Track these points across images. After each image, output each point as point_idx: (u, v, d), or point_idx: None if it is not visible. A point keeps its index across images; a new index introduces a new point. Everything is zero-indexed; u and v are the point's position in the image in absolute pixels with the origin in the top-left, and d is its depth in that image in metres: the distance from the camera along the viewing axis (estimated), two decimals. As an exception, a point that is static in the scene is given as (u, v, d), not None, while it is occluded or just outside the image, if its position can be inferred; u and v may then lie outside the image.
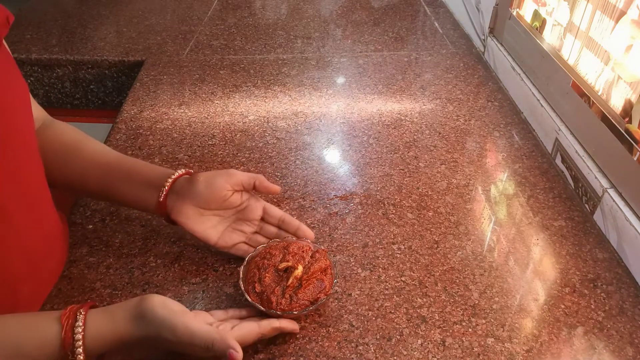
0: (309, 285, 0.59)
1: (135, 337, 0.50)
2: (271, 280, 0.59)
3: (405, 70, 1.19)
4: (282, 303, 0.57)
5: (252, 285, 0.59)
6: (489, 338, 0.60)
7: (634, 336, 0.60)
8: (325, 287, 0.60)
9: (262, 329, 0.54)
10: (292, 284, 0.59)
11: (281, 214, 0.67)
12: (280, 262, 0.61)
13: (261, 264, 0.61)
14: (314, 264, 0.61)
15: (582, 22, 0.82)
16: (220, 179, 0.63)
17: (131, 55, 1.24)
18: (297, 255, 0.62)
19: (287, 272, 0.60)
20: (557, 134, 0.88)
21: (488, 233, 0.75)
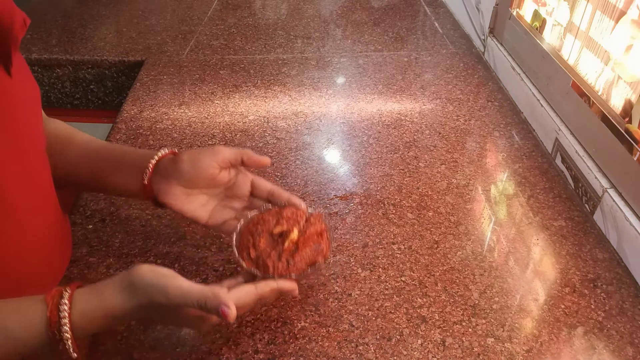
0: (306, 248, 0.57)
1: (126, 310, 0.48)
2: (266, 245, 0.56)
3: (405, 70, 1.19)
4: (279, 267, 0.55)
5: (247, 251, 0.56)
6: (489, 338, 0.60)
7: (634, 336, 0.60)
8: (323, 250, 0.58)
9: (259, 290, 0.52)
10: (288, 248, 0.56)
11: (270, 186, 0.64)
12: (274, 226, 0.58)
13: (255, 229, 0.58)
14: (310, 228, 0.58)
15: (582, 22, 0.82)
16: (206, 158, 0.60)
17: (131, 55, 1.24)
18: (291, 220, 0.59)
19: (282, 236, 0.57)
20: (557, 134, 0.88)
21: (488, 233, 0.75)
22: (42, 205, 0.59)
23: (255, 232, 0.58)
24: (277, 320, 0.61)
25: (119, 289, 0.48)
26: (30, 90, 0.56)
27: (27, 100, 0.55)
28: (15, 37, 0.50)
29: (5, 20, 0.48)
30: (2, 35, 0.48)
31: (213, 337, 0.60)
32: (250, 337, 0.59)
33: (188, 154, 0.61)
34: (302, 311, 0.62)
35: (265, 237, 0.57)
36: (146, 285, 0.48)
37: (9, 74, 0.50)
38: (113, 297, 0.48)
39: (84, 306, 0.47)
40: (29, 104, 0.56)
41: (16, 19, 0.49)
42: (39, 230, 0.58)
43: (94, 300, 0.48)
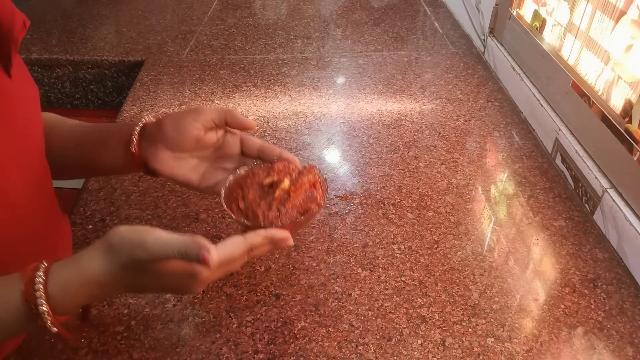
0: (298, 197, 0.53)
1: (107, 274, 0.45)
2: (255, 196, 0.54)
3: (405, 70, 1.19)
4: (270, 216, 0.51)
5: (236, 203, 0.53)
6: (489, 338, 0.60)
7: (634, 336, 0.60)
8: (317, 198, 0.54)
9: (249, 240, 0.48)
10: (279, 196, 0.53)
11: (260, 142, 0.61)
12: (264, 178, 0.55)
13: (244, 182, 0.56)
14: (302, 178, 0.55)
15: (582, 22, 0.82)
16: (188, 119, 0.58)
17: (131, 55, 1.24)
18: (282, 172, 0.56)
19: (273, 186, 0.54)
20: (557, 134, 0.88)
21: (488, 233, 0.75)
22: (42, 205, 0.59)
23: (244, 185, 0.55)
24: (277, 320, 0.61)
25: (98, 253, 0.45)
26: (29, 91, 0.56)
27: (27, 101, 0.55)
28: (15, 38, 0.50)
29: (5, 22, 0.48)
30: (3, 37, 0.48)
31: (213, 337, 0.60)
32: (250, 337, 0.59)
33: (170, 117, 0.59)
34: (302, 311, 0.62)
35: (254, 189, 0.54)
36: (124, 243, 0.45)
37: (8, 75, 0.50)
38: (91, 262, 0.45)
39: (61, 277, 0.44)
40: (29, 104, 0.56)
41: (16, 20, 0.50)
42: (39, 229, 0.58)
43: (72, 269, 0.45)
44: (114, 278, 0.45)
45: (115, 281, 0.45)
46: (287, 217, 0.52)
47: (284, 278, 0.67)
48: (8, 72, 0.50)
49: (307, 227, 0.74)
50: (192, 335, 0.60)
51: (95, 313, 0.62)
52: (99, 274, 0.44)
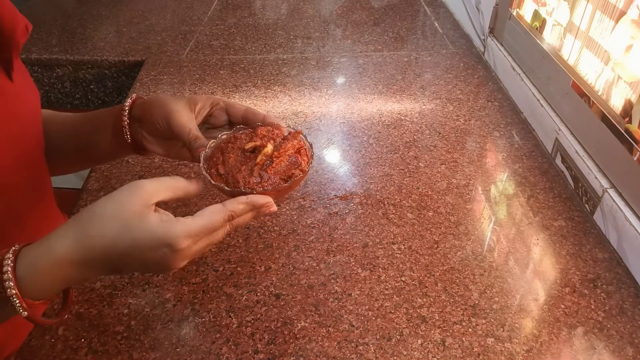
0: (281, 162, 0.51)
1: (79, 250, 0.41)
2: (236, 161, 0.51)
3: (405, 70, 1.19)
4: (251, 182, 0.49)
5: (215, 168, 0.51)
6: (489, 338, 0.60)
7: (634, 336, 0.60)
8: (301, 164, 0.52)
9: (229, 207, 0.46)
10: (261, 162, 0.51)
11: (244, 108, 0.59)
12: (246, 143, 0.53)
13: (225, 147, 0.53)
14: (286, 143, 0.53)
15: (582, 22, 0.82)
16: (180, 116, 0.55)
17: (131, 55, 1.24)
18: (265, 137, 0.54)
19: (255, 152, 0.52)
20: (557, 134, 0.88)
21: (488, 233, 0.75)
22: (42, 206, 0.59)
23: (225, 150, 0.53)
24: (277, 320, 0.61)
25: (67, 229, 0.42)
26: (30, 94, 0.57)
27: (28, 104, 0.56)
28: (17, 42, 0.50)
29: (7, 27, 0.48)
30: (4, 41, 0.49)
31: (213, 337, 0.60)
32: (250, 337, 0.59)
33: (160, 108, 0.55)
34: (302, 311, 0.62)
35: (235, 154, 0.52)
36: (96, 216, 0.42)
37: (10, 79, 0.51)
38: (61, 240, 0.42)
39: (30, 258, 0.41)
40: (30, 107, 0.56)
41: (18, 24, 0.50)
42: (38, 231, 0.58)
43: (41, 249, 0.42)
44: (86, 255, 0.42)
45: (89, 258, 0.42)
46: (269, 183, 0.50)
47: (284, 278, 0.67)
48: (9, 76, 0.51)
49: (306, 227, 0.74)
50: (192, 335, 0.60)
51: (95, 313, 0.62)
52: (69, 251, 0.41)
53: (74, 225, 0.42)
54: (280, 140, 0.53)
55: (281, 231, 0.74)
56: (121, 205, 0.42)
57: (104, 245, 0.41)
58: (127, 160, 0.88)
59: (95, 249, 0.41)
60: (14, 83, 0.51)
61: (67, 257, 0.41)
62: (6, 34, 0.48)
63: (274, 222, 0.76)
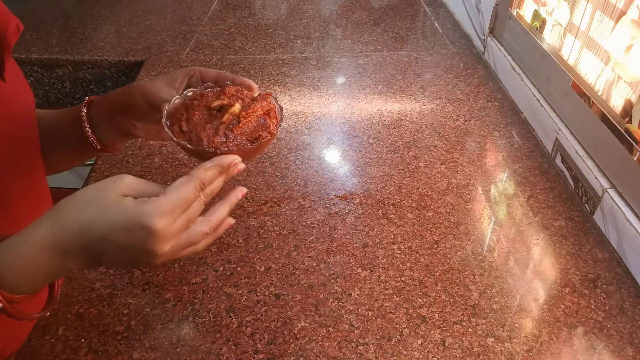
0: (249, 123, 0.49)
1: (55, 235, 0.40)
2: (201, 119, 0.49)
3: (405, 70, 1.19)
4: (215, 141, 0.47)
5: (178, 125, 0.49)
6: (489, 338, 0.60)
7: (634, 336, 0.60)
8: (270, 127, 0.50)
9: (195, 175, 0.43)
10: (227, 120, 0.48)
11: (216, 72, 0.58)
12: (213, 101, 0.51)
13: (190, 104, 0.50)
14: (255, 104, 0.50)
15: (582, 22, 0.82)
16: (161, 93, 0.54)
17: (131, 55, 1.24)
18: (234, 97, 0.51)
19: (222, 111, 0.50)
20: (557, 134, 0.88)
21: (488, 233, 0.75)
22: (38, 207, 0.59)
23: (189, 107, 0.50)
24: (277, 320, 0.61)
25: (45, 217, 0.41)
26: (23, 94, 0.56)
27: (21, 104, 0.55)
28: (9, 42, 0.50)
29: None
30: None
31: (213, 337, 0.60)
32: (250, 337, 0.59)
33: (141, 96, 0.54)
34: (302, 311, 0.62)
35: (201, 111, 0.49)
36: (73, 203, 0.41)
37: (2, 79, 0.50)
38: (39, 227, 0.41)
39: (8, 245, 0.40)
40: (23, 107, 0.56)
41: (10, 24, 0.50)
42: None
43: (20, 235, 0.41)
44: (61, 237, 0.40)
45: (64, 242, 0.40)
46: (235, 144, 0.47)
47: (284, 278, 0.67)
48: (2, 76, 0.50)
49: (306, 227, 0.74)
50: (192, 335, 0.60)
51: (95, 313, 0.62)
52: (44, 235, 0.40)
53: (52, 212, 0.41)
54: (249, 101, 0.51)
55: (281, 231, 0.74)
56: (99, 192, 0.41)
57: (79, 229, 0.40)
58: (127, 160, 0.88)
59: (70, 231, 0.40)
60: (6, 83, 0.51)
61: (43, 241, 0.40)
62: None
63: (274, 222, 0.76)
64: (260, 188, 0.82)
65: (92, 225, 0.40)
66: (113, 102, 0.58)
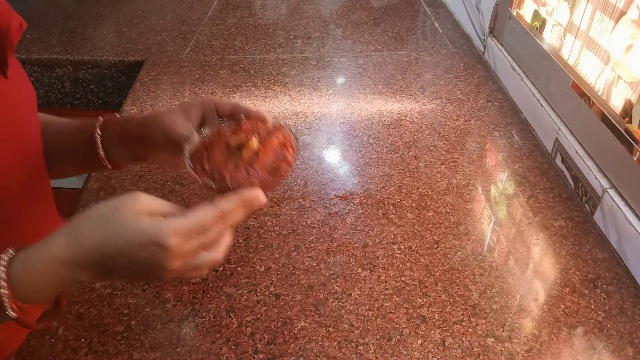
0: (267, 156, 0.50)
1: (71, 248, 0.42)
2: (222, 157, 0.50)
3: (405, 70, 1.19)
4: (238, 177, 0.48)
5: (200, 164, 0.50)
6: (489, 338, 0.60)
7: (634, 336, 0.60)
8: (287, 157, 0.51)
9: (219, 205, 0.44)
10: (246, 157, 0.50)
11: (231, 104, 0.59)
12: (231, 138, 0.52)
13: (210, 142, 0.52)
14: (271, 138, 0.52)
15: (582, 22, 0.82)
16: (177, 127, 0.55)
17: (131, 55, 1.24)
18: (250, 131, 0.53)
19: (241, 147, 0.51)
20: (557, 134, 0.88)
21: (488, 233, 0.75)
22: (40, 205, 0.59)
23: (210, 145, 0.52)
24: (277, 320, 0.61)
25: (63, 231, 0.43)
26: (26, 92, 0.56)
27: (24, 102, 0.56)
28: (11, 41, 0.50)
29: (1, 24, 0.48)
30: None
31: (213, 337, 0.60)
32: (250, 337, 0.59)
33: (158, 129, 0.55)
34: (302, 311, 0.62)
35: (221, 149, 0.51)
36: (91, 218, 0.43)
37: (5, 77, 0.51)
38: (56, 240, 0.42)
39: (24, 255, 0.41)
40: (26, 105, 0.56)
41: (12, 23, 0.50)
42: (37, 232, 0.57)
43: (36, 248, 0.42)
44: (77, 252, 0.41)
45: (79, 256, 0.41)
46: (256, 178, 0.49)
47: (284, 278, 0.67)
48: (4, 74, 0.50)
49: (306, 227, 0.74)
50: (192, 335, 0.60)
51: (95, 313, 0.62)
52: (60, 249, 0.41)
53: (69, 226, 0.42)
54: (265, 134, 0.53)
55: (281, 231, 0.74)
56: (116, 209, 0.42)
57: (95, 245, 0.41)
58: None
59: (86, 247, 0.41)
60: (9, 81, 0.51)
61: (58, 254, 0.41)
62: (0, 32, 0.48)
63: (274, 222, 0.76)
64: (260, 188, 0.82)
65: (108, 242, 0.41)
66: (129, 131, 0.59)
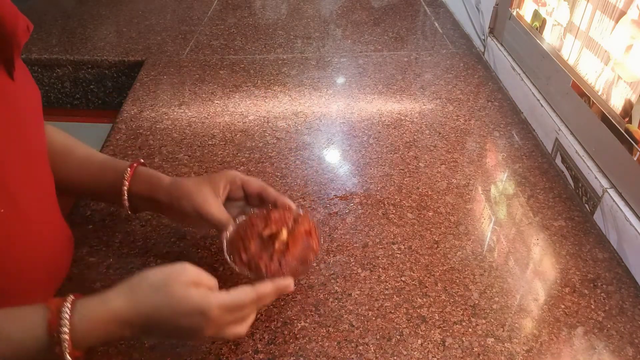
0: (296, 247, 0.58)
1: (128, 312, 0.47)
2: (257, 248, 0.58)
3: (405, 70, 1.19)
4: (272, 268, 0.56)
5: (238, 255, 0.58)
6: (489, 338, 0.60)
7: (634, 336, 0.60)
8: (313, 247, 0.60)
9: (258, 290, 0.52)
10: (279, 249, 0.58)
11: (258, 187, 0.65)
12: (263, 229, 0.60)
13: (244, 233, 0.60)
14: (298, 227, 0.60)
15: (582, 22, 0.82)
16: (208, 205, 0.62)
17: (131, 55, 1.24)
18: (279, 222, 0.61)
19: (272, 238, 0.59)
20: (557, 134, 0.88)
21: (488, 233, 0.75)
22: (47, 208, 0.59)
23: (245, 237, 0.60)
24: (277, 320, 0.61)
25: (123, 292, 0.49)
26: (31, 93, 0.57)
27: (29, 103, 0.56)
28: (18, 43, 0.50)
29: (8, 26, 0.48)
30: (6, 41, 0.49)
31: (213, 337, 0.60)
32: (250, 337, 0.59)
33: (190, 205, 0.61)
34: (302, 311, 0.62)
35: (255, 240, 0.59)
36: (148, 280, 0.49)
37: (12, 78, 0.51)
38: (116, 301, 0.48)
39: (86, 309, 0.47)
40: (31, 106, 0.56)
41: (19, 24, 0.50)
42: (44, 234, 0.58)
43: (97, 305, 0.48)
44: (133, 316, 0.48)
45: (134, 319, 0.48)
46: (288, 268, 0.57)
47: (284, 278, 0.67)
48: (11, 75, 0.51)
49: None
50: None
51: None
52: (120, 310, 0.47)
53: (128, 288, 0.49)
54: (292, 224, 0.61)
55: (281, 231, 0.74)
56: (168, 279, 0.49)
57: (147, 312, 0.48)
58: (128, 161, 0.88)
59: (141, 314, 0.48)
60: (15, 82, 0.52)
61: (117, 315, 0.47)
62: (7, 34, 0.48)
63: (274, 222, 0.76)
64: (260, 188, 0.82)
65: (159, 311, 0.48)
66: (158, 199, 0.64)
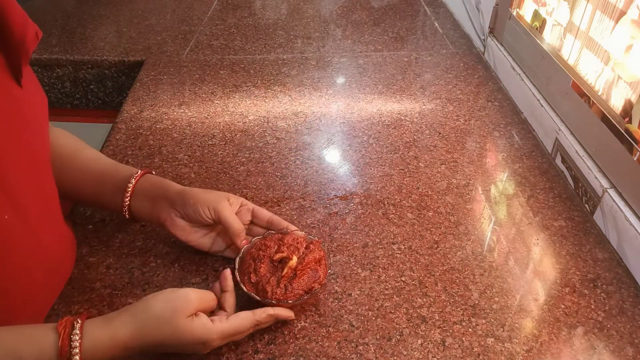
0: (304, 275, 0.60)
1: (134, 341, 0.50)
2: (266, 271, 0.60)
3: (405, 70, 1.19)
4: (277, 293, 0.59)
5: (248, 275, 0.60)
6: (489, 338, 0.60)
7: (634, 336, 0.60)
8: (320, 277, 0.61)
9: (257, 316, 0.56)
10: (286, 274, 0.60)
11: (269, 215, 0.68)
12: (275, 253, 0.62)
13: (256, 255, 0.62)
14: (308, 255, 0.62)
15: (582, 22, 0.82)
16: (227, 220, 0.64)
17: (131, 55, 1.24)
18: (291, 247, 0.63)
19: (282, 262, 0.61)
20: (557, 134, 0.88)
21: (488, 233, 0.75)
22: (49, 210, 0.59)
23: (257, 258, 0.62)
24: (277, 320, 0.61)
25: (126, 315, 0.51)
26: (39, 99, 0.57)
27: (36, 110, 0.56)
28: (27, 50, 0.50)
29: (17, 33, 0.48)
30: (14, 48, 0.49)
31: (213, 337, 0.60)
32: (250, 337, 0.59)
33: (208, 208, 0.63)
34: (302, 311, 0.62)
35: (266, 263, 0.61)
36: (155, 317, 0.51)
37: (19, 85, 0.51)
38: (123, 329, 0.50)
39: (94, 335, 0.49)
40: (38, 112, 0.57)
41: (29, 31, 0.50)
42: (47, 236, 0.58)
43: (103, 328, 0.49)
44: (139, 345, 0.50)
45: (139, 348, 0.51)
46: (292, 295, 0.59)
47: (284, 278, 0.67)
48: (19, 82, 0.51)
49: (306, 227, 0.74)
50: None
51: (95, 313, 0.62)
52: (126, 340, 0.50)
53: (134, 317, 0.51)
54: (303, 250, 0.63)
55: (281, 231, 0.74)
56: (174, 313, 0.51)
57: (155, 342, 0.51)
58: (127, 161, 0.88)
59: (148, 344, 0.51)
60: (23, 89, 0.52)
61: (124, 343, 0.50)
62: (16, 41, 0.49)
63: (274, 222, 0.76)
64: (260, 188, 0.82)
65: (164, 342, 0.51)
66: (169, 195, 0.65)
